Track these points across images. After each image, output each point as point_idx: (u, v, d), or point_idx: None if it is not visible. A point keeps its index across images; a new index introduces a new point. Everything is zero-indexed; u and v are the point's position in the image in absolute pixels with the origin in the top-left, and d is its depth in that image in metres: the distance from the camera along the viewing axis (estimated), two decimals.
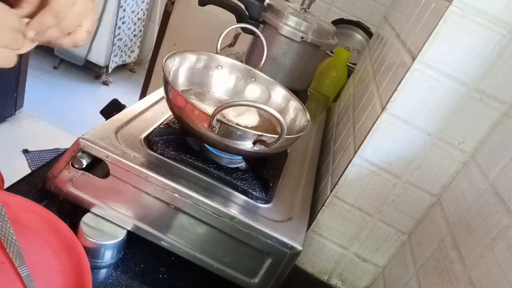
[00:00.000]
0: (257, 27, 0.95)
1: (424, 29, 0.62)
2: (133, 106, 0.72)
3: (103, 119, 0.71)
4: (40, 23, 0.40)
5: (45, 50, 2.91)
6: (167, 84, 0.61)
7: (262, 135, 0.58)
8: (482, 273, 0.46)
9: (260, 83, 0.81)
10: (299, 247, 0.57)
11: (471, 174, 0.59)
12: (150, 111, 0.73)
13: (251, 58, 1.06)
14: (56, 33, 0.41)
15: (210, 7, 0.99)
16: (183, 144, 0.66)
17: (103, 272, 0.58)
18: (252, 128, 0.70)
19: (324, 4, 1.62)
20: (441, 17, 0.56)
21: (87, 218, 0.59)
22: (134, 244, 0.62)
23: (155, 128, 0.67)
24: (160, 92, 0.79)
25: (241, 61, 0.77)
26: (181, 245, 0.60)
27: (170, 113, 0.71)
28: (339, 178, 0.69)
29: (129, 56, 3.21)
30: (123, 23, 2.86)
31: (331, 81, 1.28)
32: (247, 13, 0.98)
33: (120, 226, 0.60)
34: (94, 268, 0.57)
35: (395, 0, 1.19)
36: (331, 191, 0.70)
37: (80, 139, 0.57)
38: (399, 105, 0.62)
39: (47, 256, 0.53)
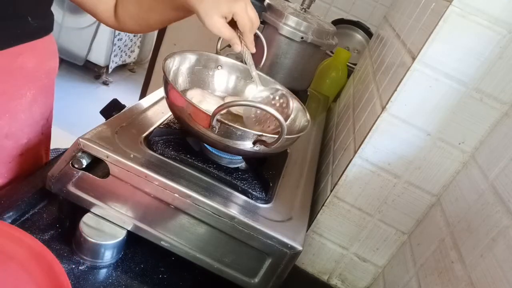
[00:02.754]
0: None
1: (424, 29, 0.62)
2: (133, 106, 0.72)
3: (103, 119, 0.71)
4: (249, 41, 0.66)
5: None
6: (167, 84, 0.62)
7: (262, 135, 0.58)
8: (482, 273, 0.46)
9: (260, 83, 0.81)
10: (299, 247, 0.57)
11: (471, 174, 0.59)
12: (150, 111, 0.73)
13: None
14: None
15: None
16: (183, 144, 0.66)
17: (103, 272, 0.58)
18: (252, 127, 0.70)
19: (324, 4, 1.62)
20: (441, 17, 0.56)
21: (87, 218, 0.59)
22: (134, 244, 0.62)
23: (155, 128, 0.67)
24: (160, 92, 0.79)
25: (241, 61, 0.77)
26: (181, 245, 0.60)
27: (170, 113, 0.71)
28: (339, 178, 0.69)
29: (129, 56, 3.21)
30: None
31: (331, 81, 1.28)
32: None
33: (120, 226, 0.60)
34: (94, 268, 0.57)
35: (395, 0, 1.19)
36: (331, 191, 0.70)
37: (80, 139, 0.57)
38: (399, 105, 0.62)
39: (13, 271, 0.49)
